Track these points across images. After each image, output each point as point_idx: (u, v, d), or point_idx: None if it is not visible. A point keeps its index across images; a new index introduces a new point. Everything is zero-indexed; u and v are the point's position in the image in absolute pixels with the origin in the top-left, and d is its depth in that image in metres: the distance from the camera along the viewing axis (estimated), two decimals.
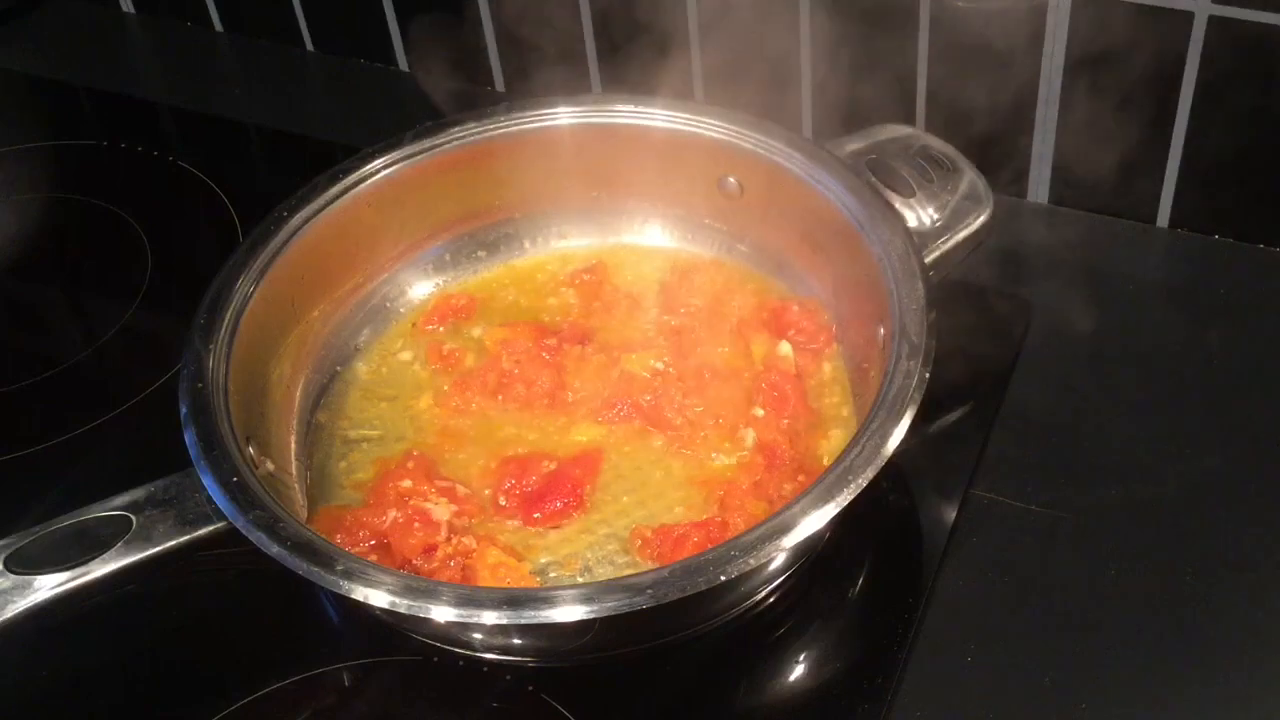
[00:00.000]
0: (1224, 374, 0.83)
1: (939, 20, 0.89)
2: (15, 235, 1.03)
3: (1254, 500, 0.76)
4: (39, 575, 0.66)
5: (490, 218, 0.89)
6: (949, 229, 0.78)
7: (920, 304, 0.71)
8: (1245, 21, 0.81)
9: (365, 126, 0.95)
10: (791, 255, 0.84)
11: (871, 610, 0.73)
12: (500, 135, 0.85)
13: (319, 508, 0.75)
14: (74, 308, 0.99)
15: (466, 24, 1.05)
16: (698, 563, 0.61)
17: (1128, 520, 0.76)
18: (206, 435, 0.69)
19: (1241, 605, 0.71)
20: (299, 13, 1.13)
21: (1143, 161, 0.90)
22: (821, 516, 0.63)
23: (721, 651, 0.70)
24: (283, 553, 0.63)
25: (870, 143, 0.82)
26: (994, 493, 0.77)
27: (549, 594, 0.61)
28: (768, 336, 0.80)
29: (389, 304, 0.87)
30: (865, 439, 0.65)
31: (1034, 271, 0.89)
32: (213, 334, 0.74)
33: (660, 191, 0.88)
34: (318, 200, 0.81)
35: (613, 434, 0.78)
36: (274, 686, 0.70)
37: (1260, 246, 0.90)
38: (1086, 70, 0.87)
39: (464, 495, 0.75)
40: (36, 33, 1.23)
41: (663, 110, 0.84)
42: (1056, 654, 0.70)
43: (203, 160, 1.04)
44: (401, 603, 0.61)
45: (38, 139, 1.12)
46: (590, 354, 0.81)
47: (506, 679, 0.70)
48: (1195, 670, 0.69)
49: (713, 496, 0.74)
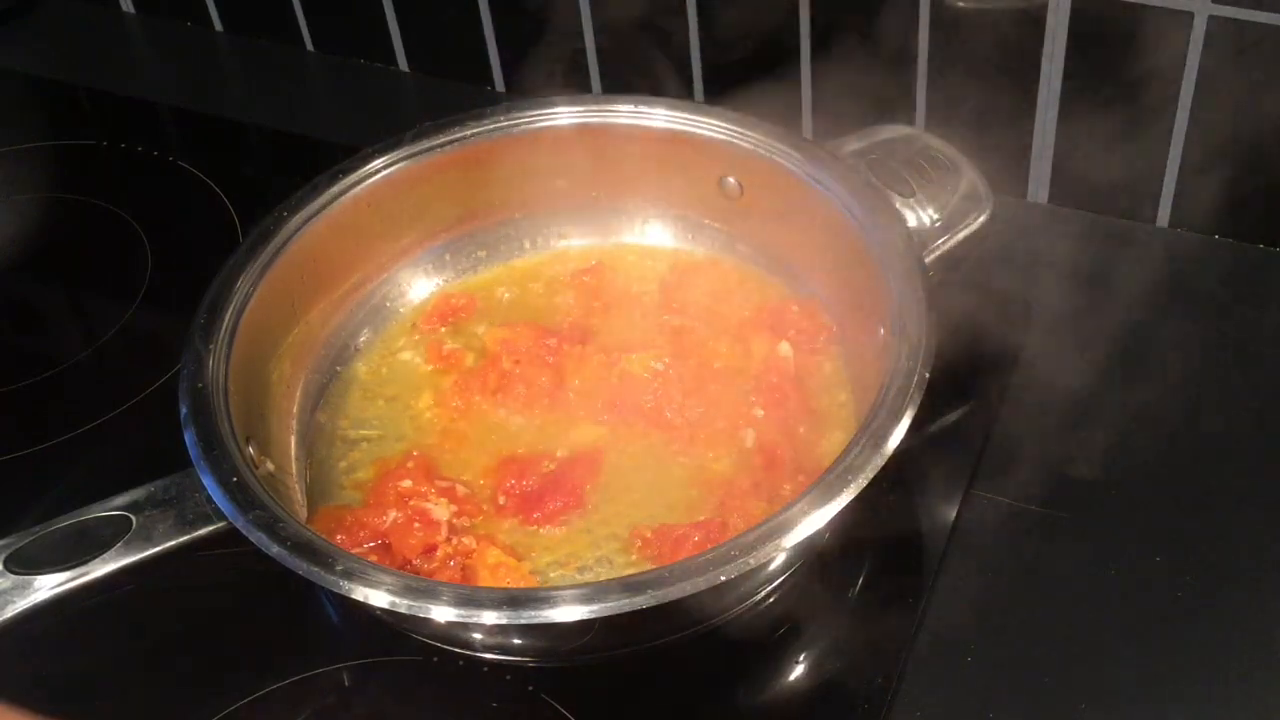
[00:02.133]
0: (1224, 374, 0.83)
1: (939, 20, 0.89)
2: (15, 235, 1.03)
3: (1254, 500, 0.76)
4: (39, 575, 0.66)
5: (490, 218, 0.89)
6: (949, 229, 0.78)
7: (920, 304, 0.71)
8: (1245, 21, 0.81)
9: (365, 126, 0.95)
10: (791, 255, 0.84)
11: (871, 610, 0.73)
12: (500, 135, 0.85)
13: (319, 508, 0.75)
14: (74, 308, 0.99)
15: (466, 24, 1.05)
16: (698, 563, 0.61)
17: (1128, 520, 0.76)
18: (206, 435, 0.69)
19: (1241, 606, 0.71)
20: (299, 13, 1.13)
21: (1143, 161, 0.90)
22: (821, 516, 0.63)
23: (721, 651, 0.70)
24: (283, 553, 0.63)
25: (870, 143, 0.82)
26: (994, 493, 0.77)
27: (549, 594, 0.61)
28: (768, 336, 0.80)
29: (389, 304, 0.87)
30: (865, 439, 0.65)
31: (1034, 271, 0.89)
32: (213, 334, 0.74)
33: (660, 191, 0.88)
34: (318, 200, 0.81)
35: (613, 434, 0.78)
36: (274, 686, 0.70)
37: (1260, 246, 0.90)
38: (1086, 70, 0.87)
39: (464, 495, 0.75)
40: (36, 33, 1.23)
41: (663, 110, 0.84)
42: (1056, 654, 0.70)
43: (203, 160, 1.04)
44: (401, 603, 0.61)
45: (38, 139, 1.12)
46: (590, 354, 0.81)
47: (506, 679, 0.70)
48: (1195, 670, 0.69)
49: (713, 496, 0.74)
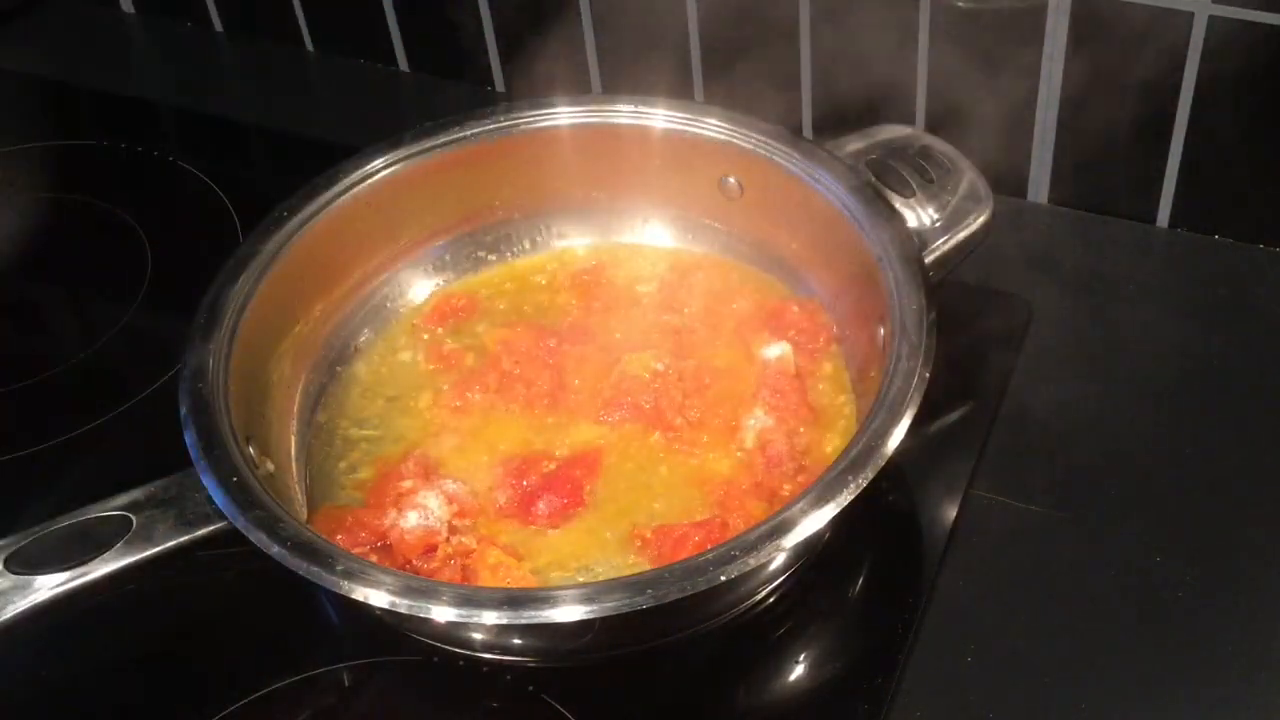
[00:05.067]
0: (1224, 374, 0.83)
1: (939, 20, 0.89)
2: (15, 235, 1.03)
3: (1254, 500, 0.76)
4: (39, 575, 0.66)
5: (490, 218, 0.89)
6: (949, 229, 0.78)
7: (920, 304, 0.71)
8: (1245, 21, 0.81)
9: (365, 126, 0.94)
10: (791, 255, 0.84)
11: (871, 610, 0.73)
12: (500, 135, 0.85)
13: (319, 508, 0.75)
14: (74, 308, 0.99)
15: (467, 24, 1.05)
16: (698, 563, 0.61)
17: (1128, 520, 0.75)
18: (206, 435, 0.69)
19: (1241, 605, 0.71)
20: (299, 13, 1.13)
21: (1143, 161, 0.90)
22: (821, 516, 0.63)
23: (721, 651, 0.70)
24: (283, 553, 0.63)
25: (870, 143, 0.82)
26: (994, 493, 0.77)
27: (549, 594, 0.61)
28: (768, 336, 0.80)
29: (389, 304, 0.87)
30: (865, 439, 0.65)
31: (1034, 271, 0.89)
32: (213, 334, 0.74)
33: (660, 191, 0.88)
34: (318, 200, 0.81)
35: (613, 434, 0.78)
36: (274, 686, 0.70)
37: (1260, 246, 0.90)
38: (1086, 70, 0.87)
39: (464, 495, 0.74)
40: (36, 33, 1.23)
41: (663, 110, 0.84)
42: (1056, 654, 0.70)
43: (203, 160, 1.04)
44: (401, 603, 0.61)
45: (38, 139, 1.12)
46: (590, 354, 0.81)
47: (506, 679, 0.70)
48: (1195, 670, 0.69)
49: (713, 496, 0.74)
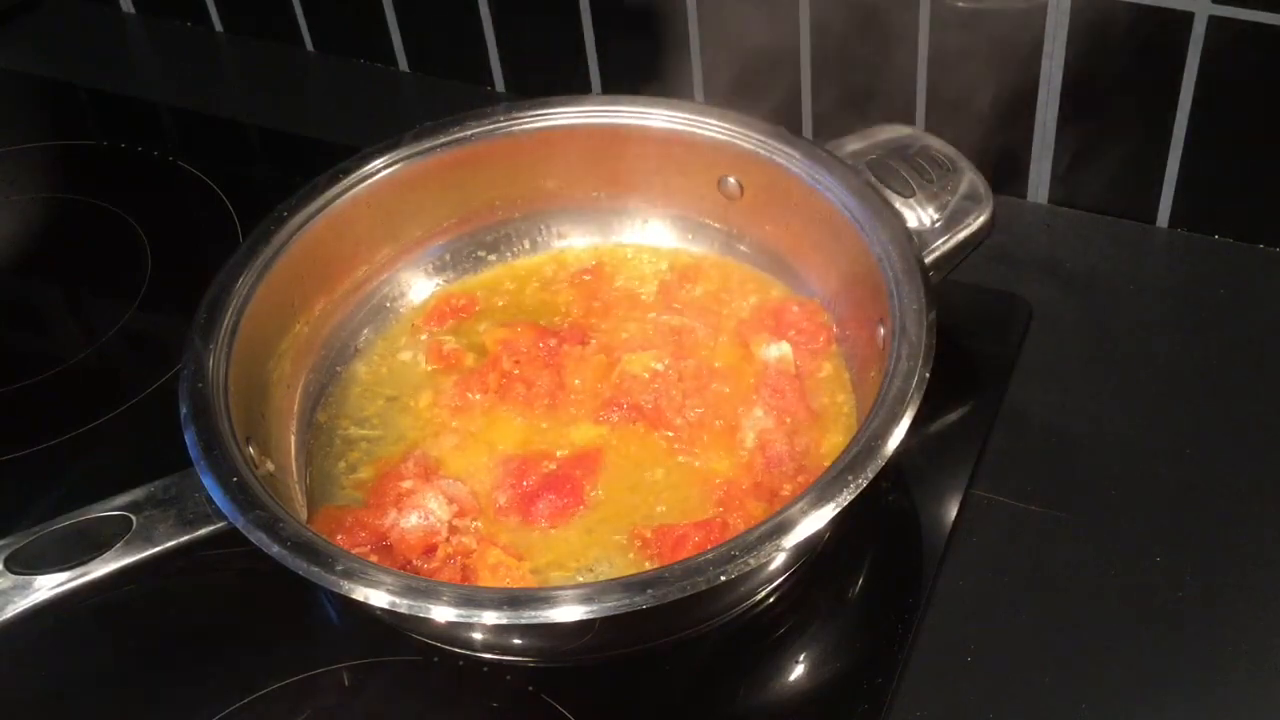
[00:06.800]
0: (1224, 374, 0.83)
1: (939, 20, 0.89)
2: (15, 235, 1.03)
3: (1254, 500, 0.76)
4: (39, 575, 0.66)
5: (490, 218, 0.89)
6: (949, 229, 0.78)
7: (920, 304, 0.71)
8: (1245, 21, 0.81)
9: (365, 126, 0.95)
10: (791, 255, 0.84)
11: (871, 610, 0.73)
12: (500, 135, 0.85)
13: (319, 508, 0.75)
14: (74, 308, 0.99)
15: (466, 24, 1.05)
16: (698, 563, 0.61)
17: (1128, 520, 0.75)
18: (206, 435, 0.69)
19: (1241, 605, 0.71)
20: (299, 13, 1.13)
21: (1143, 161, 0.90)
22: (821, 516, 0.63)
23: (721, 651, 0.70)
24: (283, 553, 0.63)
25: (870, 143, 0.82)
26: (994, 493, 0.77)
27: (549, 594, 0.61)
28: (768, 336, 0.80)
29: (389, 304, 0.87)
30: (865, 439, 0.65)
31: (1034, 271, 0.89)
32: (213, 334, 0.74)
33: (660, 191, 0.88)
34: (318, 200, 0.81)
35: (613, 434, 0.78)
36: (274, 686, 0.70)
37: (1260, 246, 0.90)
38: (1086, 70, 0.87)
39: (464, 495, 0.74)
40: (36, 33, 1.23)
41: (663, 110, 0.84)
42: (1056, 654, 0.70)
43: (203, 160, 1.04)
44: (401, 603, 0.61)
45: (38, 139, 1.12)
46: (590, 354, 0.81)
47: (506, 679, 0.70)
48: (1195, 670, 0.69)
49: (713, 496, 0.74)
